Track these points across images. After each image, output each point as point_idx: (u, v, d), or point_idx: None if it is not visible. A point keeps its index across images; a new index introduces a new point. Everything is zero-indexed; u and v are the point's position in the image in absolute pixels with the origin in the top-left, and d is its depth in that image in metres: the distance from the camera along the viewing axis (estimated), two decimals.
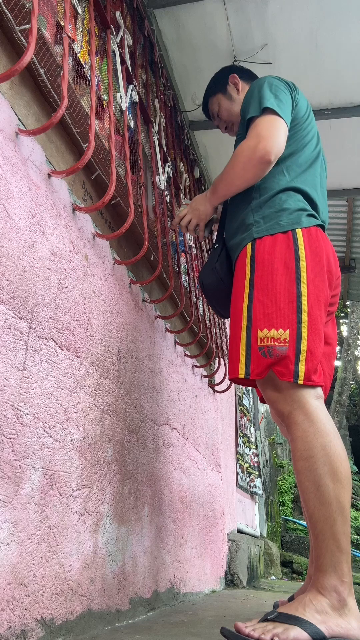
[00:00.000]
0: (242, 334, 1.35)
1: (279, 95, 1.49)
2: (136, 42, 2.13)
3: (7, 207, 1.10)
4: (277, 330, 1.30)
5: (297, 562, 5.93)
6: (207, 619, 1.59)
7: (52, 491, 1.16)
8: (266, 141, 1.42)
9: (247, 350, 1.33)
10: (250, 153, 1.43)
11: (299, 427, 1.28)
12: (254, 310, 1.35)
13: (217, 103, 1.86)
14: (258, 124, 1.45)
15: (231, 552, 3.08)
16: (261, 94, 1.49)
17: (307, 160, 1.55)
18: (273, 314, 1.33)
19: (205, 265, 1.68)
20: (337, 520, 1.21)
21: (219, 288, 1.61)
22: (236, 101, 1.81)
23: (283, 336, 1.30)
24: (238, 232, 1.52)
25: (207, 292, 1.68)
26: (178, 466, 2.16)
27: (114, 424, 1.53)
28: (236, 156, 1.49)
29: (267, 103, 1.46)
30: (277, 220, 1.42)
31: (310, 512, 1.24)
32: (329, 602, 1.17)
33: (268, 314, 1.33)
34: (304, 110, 1.61)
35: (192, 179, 3.07)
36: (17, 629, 0.99)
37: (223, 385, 3.11)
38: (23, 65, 1.10)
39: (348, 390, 11.91)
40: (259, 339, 1.32)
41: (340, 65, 2.63)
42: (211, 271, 1.63)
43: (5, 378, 1.03)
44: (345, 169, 3.35)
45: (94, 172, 1.57)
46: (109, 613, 1.38)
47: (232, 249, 1.58)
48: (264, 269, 1.38)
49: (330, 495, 1.21)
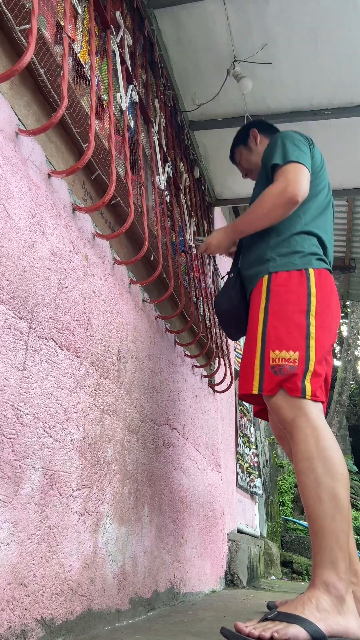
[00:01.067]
0: (256, 355, 1.51)
1: (301, 148, 1.67)
2: (136, 42, 2.13)
3: (7, 207, 1.10)
4: (287, 352, 1.46)
5: (297, 562, 5.93)
6: (207, 619, 1.59)
7: (52, 491, 1.16)
8: (294, 185, 1.58)
9: (261, 369, 1.48)
10: (279, 194, 1.60)
11: (301, 430, 1.38)
12: (268, 334, 1.51)
13: (240, 153, 2.09)
14: (286, 170, 1.62)
15: (231, 552, 3.08)
16: (285, 145, 1.67)
17: (320, 206, 1.71)
18: (284, 337, 1.48)
19: (222, 291, 1.86)
20: (336, 517, 1.27)
21: (234, 313, 1.78)
22: (254, 152, 2.02)
23: (293, 357, 1.45)
24: (254, 265, 1.69)
25: (222, 316, 1.86)
26: (178, 466, 2.16)
27: (114, 424, 1.53)
28: (265, 197, 1.64)
29: (292, 155, 1.63)
30: (292, 260, 1.59)
31: (311, 509, 1.30)
32: (328, 600, 1.19)
33: (280, 337, 1.49)
34: (319, 162, 1.78)
35: (192, 179, 3.07)
36: (17, 629, 0.99)
37: (223, 385, 3.11)
38: (23, 65, 1.10)
39: (348, 390, 11.91)
40: (271, 359, 1.47)
41: (340, 65, 2.63)
42: (227, 298, 1.80)
43: (5, 378, 1.03)
44: (345, 169, 3.35)
45: (94, 172, 1.57)
46: (109, 613, 1.38)
47: (247, 279, 1.74)
48: (278, 299, 1.55)
49: (330, 493, 1.29)
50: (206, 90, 2.81)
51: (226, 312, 1.81)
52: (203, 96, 2.85)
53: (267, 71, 2.68)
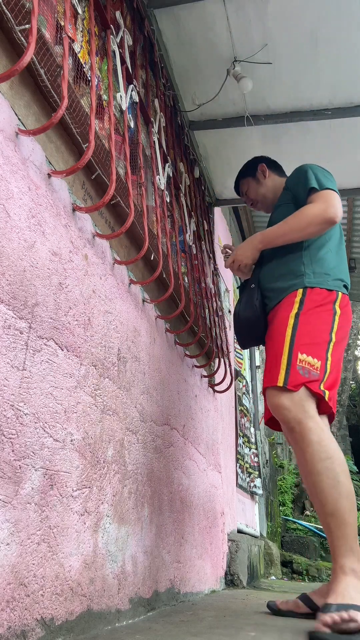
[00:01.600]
0: (284, 353, 1.65)
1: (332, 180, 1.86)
2: (136, 42, 2.13)
3: (7, 207, 1.10)
4: (313, 358, 1.63)
5: (297, 562, 5.93)
6: (207, 619, 1.59)
7: (52, 491, 1.16)
8: (334, 207, 1.76)
9: (288, 366, 1.62)
10: (319, 213, 1.75)
11: (313, 432, 1.53)
12: (297, 337, 1.65)
13: (247, 185, 2.22)
14: (325, 195, 1.78)
15: (231, 552, 3.08)
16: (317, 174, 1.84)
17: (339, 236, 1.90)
18: (312, 345, 1.65)
19: (244, 300, 1.96)
20: (352, 511, 1.46)
21: (255, 323, 1.90)
22: (262, 185, 2.17)
23: (316, 365, 1.62)
24: (285, 279, 1.82)
25: (241, 323, 1.96)
26: (178, 466, 2.16)
27: (114, 424, 1.53)
28: (304, 214, 1.77)
29: (328, 183, 1.81)
30: (325, 279, 1.76)
31: (332, 506, 1.46)
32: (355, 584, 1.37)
33: (308, 344, 1.65)
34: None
35: (192, 179, 3.07)
36: (17, 629, 0.99)
37: (223, 385, 3.11)
38: (23, 65, 1.10)
39: (348, 390, 11.92)
40: (298, 360, 1.62)
41: (340, 66, 2.63)
42: (250, 307, 1.91)
43: (5, 378, 1.03)
44: (345, 169, 3.35)
45: (94, 172, 1.57)
46: (109, 613, 1.38)
47: (272, 290, 1.86)
48: (309, 310, 1.71)
49: (347, 490, 1.47)
50: (206, 90, 2.81)
51: (247, 321, 1.92)
52: (203, 96, 2.85)
53: (267, 71, 2.68)
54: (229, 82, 2.69)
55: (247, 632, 1.34)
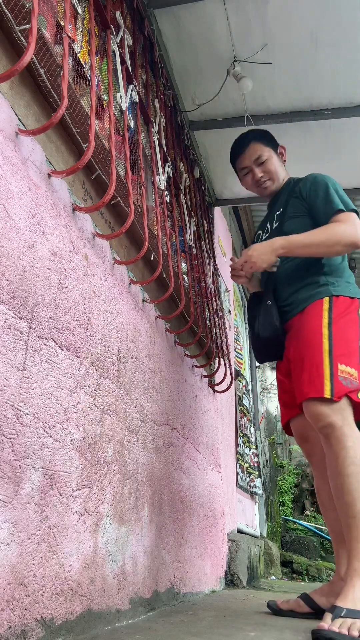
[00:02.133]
0: (324, 364, 1.68)
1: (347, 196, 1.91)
2: (136, 42, 2.13)
3: (7, 207, 1.10)
4: (351, 368, 1.68)
5: (297, 562, 5.93)
6: (207, 619, 1.59)
7: (52, 491, 1.16)
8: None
9: (331, 377, 1.67)
10: (348, 236, 1.78)
11: (349, 438, 1.58)
12: (335, 349, 1.70)
13: (268, 153, 2.04)
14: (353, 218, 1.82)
15: (231, 552, 3.08)
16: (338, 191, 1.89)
17: None
18: (348, 355, 1.70)
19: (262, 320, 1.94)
20: None
21: (276, 340, 1.92)
22: (282, 167, 2.09)
23: (354, 374, 1.68)
24: (306, 289, 1.85)
25: (262, 342, 1.96)
26: (178, 466, 2.16)
27: (114, 424, 1.53)
28: (335, 232, 1.79)
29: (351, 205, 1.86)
30: (348, 287, 1.83)
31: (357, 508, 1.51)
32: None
33: (345, 355, 1.70)
34: None
35: (192, 179, 3.07)
36: (17, 629, 0.99)
37: (223, 385, 3.11)
38: (23, 65, 1.10)
39: None
40: (339, 371, 1.67)
41: (340, 66, 2.63)
42: (270, 327, 1.91)
43: (5, 378, 1.03)
44: (345, 169, 3.35)
45: (94, 172, 1.57)
46: (109, 613, 1.38)
47: (293, 302, 1.88)
48: (340, 320, 1.75)
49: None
50: (206, 90, 2.81)
51: (267, 340, 1.93)
52: (203, 96, 2.85)
53: (267, 71, 2.68)
54: (229, 82, 2.69)
55: (247, 632, 1.34)
